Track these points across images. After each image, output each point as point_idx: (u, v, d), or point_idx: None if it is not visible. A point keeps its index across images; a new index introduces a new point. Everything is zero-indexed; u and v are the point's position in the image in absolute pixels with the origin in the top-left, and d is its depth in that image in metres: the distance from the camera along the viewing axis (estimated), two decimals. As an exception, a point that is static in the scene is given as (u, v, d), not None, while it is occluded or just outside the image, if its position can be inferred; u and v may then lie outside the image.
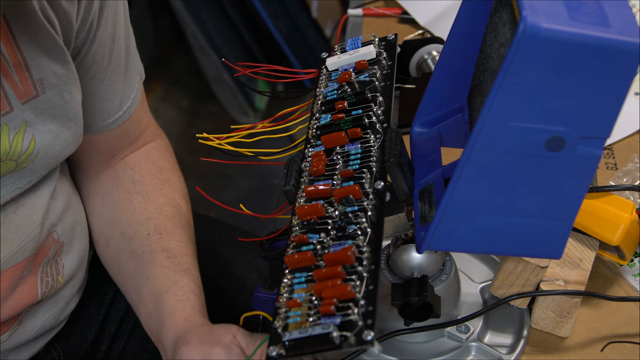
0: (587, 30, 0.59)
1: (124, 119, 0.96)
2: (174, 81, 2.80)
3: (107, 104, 0.93)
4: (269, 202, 2.30)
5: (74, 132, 0.86)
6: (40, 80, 0.79)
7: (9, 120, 0.78)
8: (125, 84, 0.94)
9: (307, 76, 0.88)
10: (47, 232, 0.90)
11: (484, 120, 0.62)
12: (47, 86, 0.80)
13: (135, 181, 0.99)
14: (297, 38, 2.69)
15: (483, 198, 0.68)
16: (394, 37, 0.86)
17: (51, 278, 0.91)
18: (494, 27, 0.71)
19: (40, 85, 0.79)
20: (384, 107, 0.78)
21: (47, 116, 0.81)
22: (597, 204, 0.86)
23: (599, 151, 0.64)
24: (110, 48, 0.89)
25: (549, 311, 0.84)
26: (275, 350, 0.65)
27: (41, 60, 0.78)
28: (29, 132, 0.80)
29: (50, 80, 0.80)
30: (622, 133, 1.11)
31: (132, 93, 0.96)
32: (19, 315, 0.90)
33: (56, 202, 0.91)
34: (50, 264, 0.91)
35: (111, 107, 0.94)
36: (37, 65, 0.78)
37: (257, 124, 0.85)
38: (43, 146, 0.82)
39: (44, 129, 0.81)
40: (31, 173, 0.83)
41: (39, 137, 0.81)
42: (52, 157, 0.84)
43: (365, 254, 0.67)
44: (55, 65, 0.80)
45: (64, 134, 0.84)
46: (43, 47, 0.78)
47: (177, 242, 0.95)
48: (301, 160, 0.78)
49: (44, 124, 0.81)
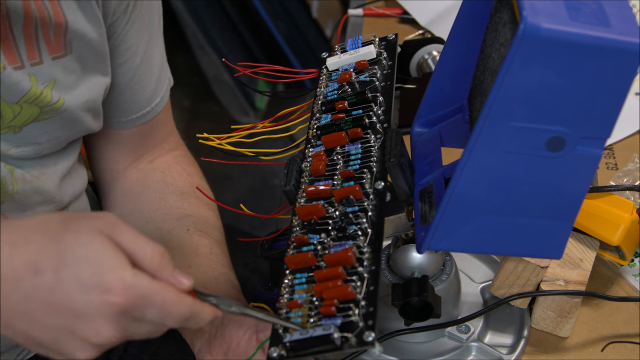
0: (587, 30, 0.59)
1: (151, 116, 0.98)
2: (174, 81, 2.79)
3: (137, 95, 0.96)
4: (269, 202, 2.30)
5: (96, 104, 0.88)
6: (70, 40, 0.82)
7: (37, 72, 0.81)
8: (157, 82, 0.98)
9: (307, 76, 0.88)
10: (63, 207, 0.91)
11: (484, 120, 0.62)
12: (74, 49, 0.83)
13: (168, 182, 1.01)
14: (297, 38, 2.69)
15: (483, 198, 0.68)
16: (394, 37, 0.86)
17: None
18: (494, 27, 0.71)
19: (69, 46, 0.82)
20: (384, 107, 0.78)
21: (74, 80, 0.84)
22: (598, 204, 0.86)
23: (599, 151, 0.64)
24: (146, 41, 0.93)
25: (549, 311, 0.84)
26: (276, 351, 0.65)
27: (79, 25, 0.82)
28: (57, 91, 0.83)
29: (79, 43, 0.83)
30: (622, 133, 1.11)
31: (161, 93, 0.99)
32: None
33: (74, 181, 0.93)
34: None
35: (140, 100, 0.96)
36: (74, 30, 0.82)
37: (258, 124, 0.85)
38: (70, 106, 0.84)
39: (71, 92, 0.84)
40: (52, 129, 0.85)
41: (67, 97, 0.84)
42: (74, 122, 0.86)
43: (365, 255, 0.67)
44: (90, 30, 0.83)
45: (90, 103, 0.87)
46: (83, 13, 0.82)
47: (215, 240, 0.97)
48: (301, 160, 0.77)
49: (72, 89, 0.84)
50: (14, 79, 0.78)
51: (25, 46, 0.79)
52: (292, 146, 0.82)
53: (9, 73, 0.78)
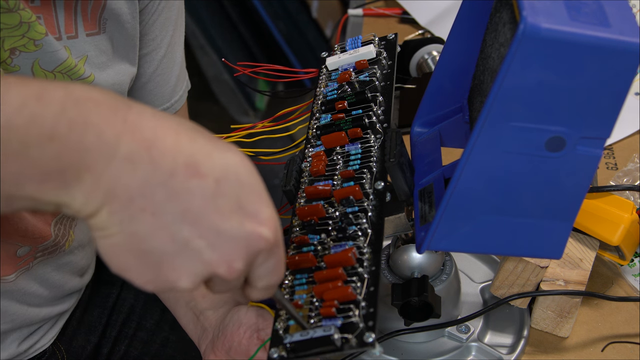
0: (587, 30, 0.59)
1: (171, 112, 0.99)
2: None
3: (159, 88, 0.97)
4: (269, 202, 2.29)
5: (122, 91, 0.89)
6: (105, 19, 0.83)
7: (72, 45, 0.81)
8: (177, 79, 0.99)
9: (307, 76, 0.88)
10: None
11: (484, 120, 0.62)
12: (108, 28, 0.84)
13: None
14: (297, 38, 2.69)
15: (483, 198, 0.68)
16: (394, 36, 0.86)
17: (65, 228, 0.92)
18: (494, 27, 0.70)
19: (103, 25, 0.83)
20: (384, 107, 0.77)
21: (103, 61, 0.84)
22: (597, 204, 0.86)
23: (599, 151, 0.64)
24: (170, 35, 0.94)
25: (549, 311, 0.84)
26: (276, 352, 0.65)
27: (115, 4, 0.83)
28: (89, 67, 0.83)
29: (113, 24, 0.84)
30: (622, 133, 1.11)
31: (180, 91, 1.00)
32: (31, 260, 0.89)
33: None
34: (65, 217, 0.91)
35: (162, 94, 0.98)
36: (111, 8, 0.83)
37: (257, 124, 0.85)
38: (100, 84, 0.84)
39: (101, 73, 0.84)
40: None
41: (97, 75, 0.84)
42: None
43: (365, 255, 0.67)
44: (126, 12, 0.85)
45: (116, 87, 0.87)
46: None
47: None
48: (301, 160, 0.77)
49: (102, 69, 0.84)
50: (53, 47, 0.78)
51: (64, 18, 0.79)
52: (291, 146, 0.82)
53: (49, 40, 0.77)
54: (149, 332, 1.07)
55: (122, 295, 1.08)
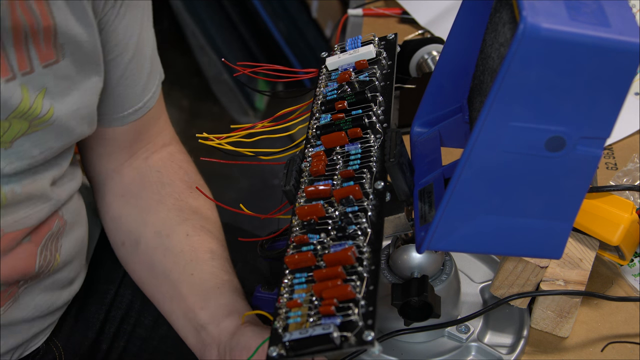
0: (587, 30, 0.59)
1: (144, 112, 0.97)
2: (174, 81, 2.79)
3: (128, 90, 0.94)
4: (269, 202, 2.29)
5: (90, 110, 0.86)
6: (62, 45, 0.80)
7: (28, 81, 0.78)
8: (148, 77, 0.96)
9: (307, 76, 0.88)
10: (55, 208, 0.90)
11: (484, 120, 0.62)
12: (67, 53, 0.81)
13: (165, 183, 1.00)
14: (297, 38, 2.69)
15: (483, 198, 0.68)
16: (393, 36, 0.86)
17: (50, 254, 0.91)
18: (494, 27, 0.71)
19: (61, 50, 0.80)
20: (384, 107, 0.78)
21: (65, 87, 0.82)
22: (597, 204, 0.86)
23: (599, 151, 0.64)
24: (137, 35, 0.91)
25: (549, 311, 0.84)
26: (275, 350, 0.65)
27: (69, 27, 0.79)
28: (47, 100, 0.80)
29: (71, 47, 0.81)
30: (622, 133, 1.11)
31: (153, 88, 0.97)
32: (16, 291, 0.89)
33: (70, 183, 0.92)
34: (52, 239, 0.91)
35: (132, 96, 0.95)
36: (64, 32, 0.79)
37: (257, 124, 0.85)
38: (60, 116, 0.82)
39: (62, 101, 0.82)
40: (43, 142, 0.83)
41: (57, 107, 0.81)
42: (66, 131, 0.84)
43: (365, 254, 0.67)
44: (81, 32, 0.81)
45: (82, 110, 0.85)
46: (73, 13, 0.79)
47: (217, 244, 0.96)
48: (301, 160, 0.77)
49: (63, 96, 0.82)
50: (5, 94, 0.76)
51: (16, 56, 0.76)
52: (291, 146, 0.82)
53: (1, 87, 0.75)
54: (147, 329, 1.07)
55: (121, 292, 1.07)
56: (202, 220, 0.98)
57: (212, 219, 1.00)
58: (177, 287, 0.92)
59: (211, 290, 0.89)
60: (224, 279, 0.91)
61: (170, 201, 0.99)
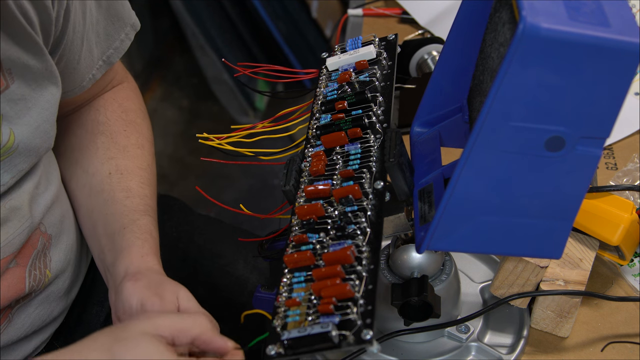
0: (587, 30, 0.59)
1: (101, 73, 0.95)
2: (173, 81, 2.80)
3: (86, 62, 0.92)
4: (269, 202, 2.30)
5: (51, 122, 0.85)
6: (9, 69, 0.78)
7: None
8: (107, 38, 0.93)
9: (307, 76, 0.88)
10: (35, 226, 0.89)
11: (484, 120, 0.62)
12: (16, 75, 0.79)
13: (100, 122, 0.99)
14: (297, 38, 2.69)
15: (483, 198, 0.68)
16: (394, 37, 0.86)
17: (39, 272, 0.91)
18: (494, 27, 0.71)
19: (9, 74, 0.78)
20: (384, 107, 0.78)
21: (22, 108, 0.80)
22: (597, 204, 0.86)
23: (599, 151, 0.64)
24: (83, 25, 0.88)
25: (549, 311, 0.84)
26: (274, 349, 0.65)
27: (13, 52, 0.78)
28: (6, 127, 0.79)
29: (19, 70, 0.79)
30: (622, 133, 1.11)
31: (115, 43, 0.95)
32: (9, 312, 0.89)
33: (45, 193, 0.91)
34: (39, 257, 0.90)
35: (89, 65, 0.93)
36: (9, 57, 0.77)
37: (257, 124, 0.85)
38: (23, 139, 0.81)
39: (21, 122, 0.81)
40: (12, 167, 0.82)
41: (18, 130, 0.80)
42: (32, 151, 0.83)
43: (364, 254, 0.67)
44: (27, 57, 0.79)
45: (43, 126, 0.84)
46: (15, 40, 0.77)
47: (137, 183, 0.95)
48: (301, 160, 0.78)
49: (20, 117, 0.81)
50: None
51: None
52: (291, 146, 0.82)
53: None
54: None
55: None
56: (129, 158, 0.97)
57: (140, 155, 0.99)
58: (96, 227, 0.93)
59: (117, 230, 0.89)
60: (131, 219, 0.90)
61: (101, 139, 0.98)
